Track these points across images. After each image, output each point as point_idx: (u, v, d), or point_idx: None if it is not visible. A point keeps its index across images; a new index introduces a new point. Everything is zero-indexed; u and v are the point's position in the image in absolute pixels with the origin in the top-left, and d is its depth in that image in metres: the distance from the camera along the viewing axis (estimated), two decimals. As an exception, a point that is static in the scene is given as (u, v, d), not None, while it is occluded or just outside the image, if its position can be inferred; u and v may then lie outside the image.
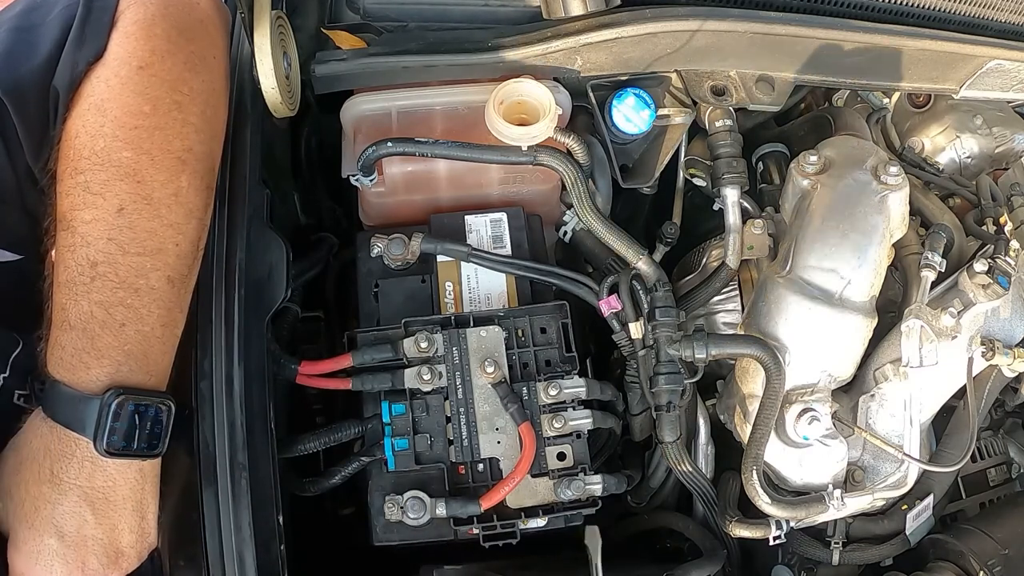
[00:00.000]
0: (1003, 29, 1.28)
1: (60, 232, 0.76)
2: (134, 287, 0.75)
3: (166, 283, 0.77)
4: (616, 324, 1.10)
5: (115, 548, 0.74)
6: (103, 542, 0.73)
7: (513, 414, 0.98)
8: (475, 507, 0.94)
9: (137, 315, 0.74)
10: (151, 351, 0.76)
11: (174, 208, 0.78)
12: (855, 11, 1.18)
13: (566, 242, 1.22)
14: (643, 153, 1.21)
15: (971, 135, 1.40)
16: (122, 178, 0.76)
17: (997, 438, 1.27)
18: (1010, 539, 1.07)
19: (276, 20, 0.98)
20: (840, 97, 1.44)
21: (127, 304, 0.74)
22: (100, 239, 0.74)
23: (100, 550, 0.73)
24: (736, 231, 1.12)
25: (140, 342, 0.75)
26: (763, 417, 1.01)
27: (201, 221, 0.83)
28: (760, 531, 1.06)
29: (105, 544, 0.73)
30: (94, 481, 0.73)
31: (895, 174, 1.05)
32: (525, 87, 1.05)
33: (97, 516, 0.73)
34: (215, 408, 0.87)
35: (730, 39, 1.13)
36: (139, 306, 0.75)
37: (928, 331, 1.02)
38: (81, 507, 0.72)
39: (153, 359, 0.76)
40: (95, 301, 0.74)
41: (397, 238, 1.08)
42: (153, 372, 0.76)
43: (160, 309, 0.77)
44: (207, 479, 0.85)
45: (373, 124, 1.11)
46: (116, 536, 0.74)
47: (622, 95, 1.13)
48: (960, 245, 1.19)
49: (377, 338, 1.02)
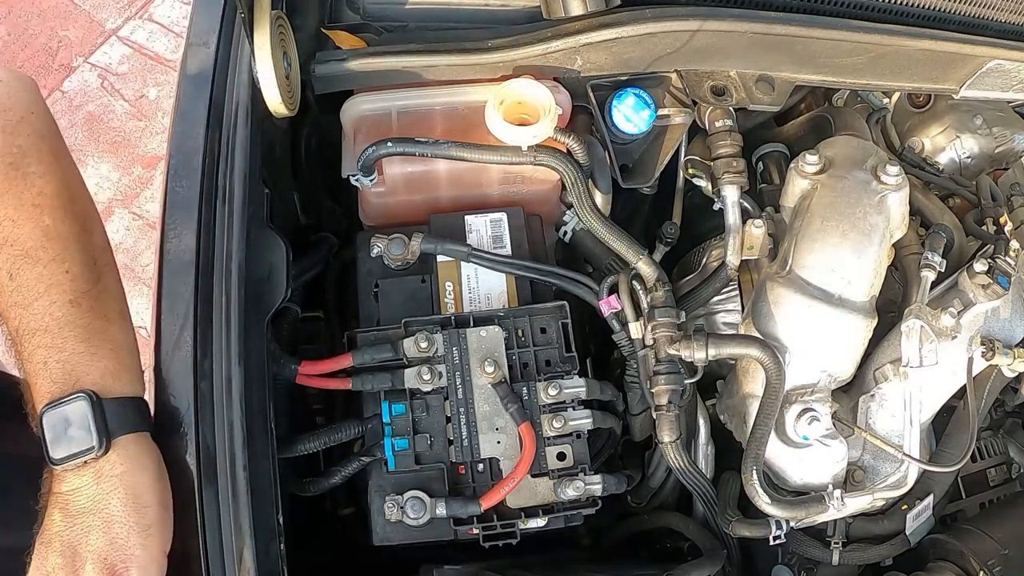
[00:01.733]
0: (1003, 29, 1.28)
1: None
2: (43, 328, 0.80)
3: (71, 307, 0.82)
4: (616, 324, 1.10)
5: (72, 550, 0.78)
6: (70, 544, 0.78)
7: (513, 414, 0.98)
8: (475, 507, 0.94)
9: (55, 347, 0.80)
10: (76, 368, 0.81)
11: (48, 247, 0.82)
12: (855, 11, 1.18)
13: (566, 242, 1.22)
14: (643, 153, 1.21)
15: (971, 135, 1.40)
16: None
17: (997, 438, 1.27)
18: (1010, 539, 1.07)
19: (276, 20, 0.98)
20: (840, 97, 1.44)
21: (45, 345, 0.80)
22: (8, 309, 0.81)
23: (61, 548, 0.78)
24: (736, 231, 1.12)
25: (60, 367, 0.80)
26: (763, 417, 1.01)
27: (80, 238, 0.85)
28: (760, 531, 1.06)
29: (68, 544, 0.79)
30: (61, 488, 0.79)
31: (895, 174, 1.06)
32: (525, 87, 1.05)
33: (67, 521, 0.79)
34: (215, 408, 0.87)
35: (730, 39, 1.13)
36: (50, 342, 0.80)
37: (928, 331, 1.02)
38: (57, 516, 0.79)
39: (79, 372, 0.81)
40: (25, 358, 0.81)
41: (397, 238, 1.08)
42: (77, 383, 0.80)
43: (74, 331, 0.81)
44: (207, 479, 0.85)
45: (373, 124, 1.11)
46: (81, 539, 0.78)
47: (622, 95, 1.13)
48: (960, 245, 1.19)
49: (377, 338, 1.02)
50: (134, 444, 0.81)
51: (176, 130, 0.99)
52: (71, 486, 0.79)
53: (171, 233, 0.95)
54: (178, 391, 0.89)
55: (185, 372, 0.88)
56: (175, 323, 0.92)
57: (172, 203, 0.96)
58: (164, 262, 0.94)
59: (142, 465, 0.81)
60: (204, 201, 0.94)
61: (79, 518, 0.78)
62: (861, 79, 1.23)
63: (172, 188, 0.97)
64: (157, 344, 0.92)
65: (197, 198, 0.94)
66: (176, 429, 0.88)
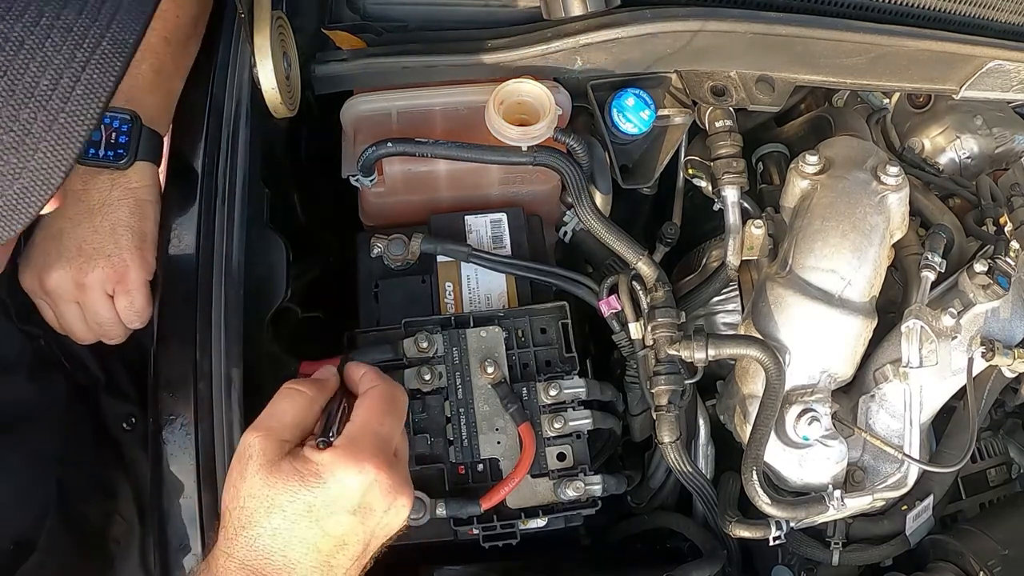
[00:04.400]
0: (1003, 29, 1.28)
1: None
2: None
3: (163, 43, 0.93)
4: (616, 324, 1.10)
5: (79, 248, 0.89)
6: (78, 242, 0.89)
7: (513, 414, 0.98)
8: (475, 507, 0.94)
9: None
10: (135, 87, 0.91)
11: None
12: (855, 11, 1.18)
13: (566, 242, 1.22)
14: (643, 153, 1.21)
15: (971, 135, 1.40)
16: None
17: (997, 438, 1.27)
18: (1010, 539, 1.07)
19: (276, 20, 0.98)
20: (840, 97, 1.44)
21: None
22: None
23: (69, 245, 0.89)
24: (736, 231, 1.12)
25: (127, 80, 0.81)
26: (763, 417, 1.01)
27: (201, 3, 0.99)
28: (760, 531, 1.06)
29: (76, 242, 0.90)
30: (75, 185, 0.89)
31: (895, 174, 1.05)
32: (525, 87, 1.05)
33: (75, 219, 0.90)
34: (215, 408, 0.87)
35: (730, 39, 1.13)
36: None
37: (928, 331, 1.02)
38: (70, 211, 0.89)
39: (136, 92, 0.91)
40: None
41: (397, 238, 1.08)
42: (132, 101, 0.89)
43: (152, 59, 0.92)
44: (206, 480, 0.85)
45: (373, 124, 1.11)
46: (87, 238, 0.89)
47: (622, 95, 1.13)
48: (960, 245, 1.19)
49: (377, 338, 1.02)
50: (149, 169, 0.93)
51: (176, 130, 0.99)
52: (84, 185, 0.90)
53: (171, 233, 0.95)
54: (178, 391, 0.89)
55: (185, 372, 0.89)
56: (175, 323, 0.92)
57: (172, 203, 0.96)
58: (164, 262, 0.94)
59: (150, 186, 0.92)
60: (204, 201, 0.94)
61: (87, 217, 0.89)
62: (861, 79, 1.23)
63: (172, 188, 0.97)
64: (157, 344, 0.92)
65: (197, 198, 0.95)
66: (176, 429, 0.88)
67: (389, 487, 0.73)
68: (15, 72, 0.59)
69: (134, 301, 0.92)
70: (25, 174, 0.60)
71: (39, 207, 0.61)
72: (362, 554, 0.74)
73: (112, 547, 1.00)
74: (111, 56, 0.63)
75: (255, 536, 0.70)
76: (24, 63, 0.60)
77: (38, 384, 0.97)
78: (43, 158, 0.60)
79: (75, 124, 0.61)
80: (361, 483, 0.71)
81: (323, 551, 0.71)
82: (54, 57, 0.61)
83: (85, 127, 0.61)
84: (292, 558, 0.70)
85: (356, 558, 0.74)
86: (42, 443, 0.95)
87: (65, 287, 0.91)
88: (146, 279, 0.92)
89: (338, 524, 0.71)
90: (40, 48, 0.60)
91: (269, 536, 0.70)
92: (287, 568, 0.70)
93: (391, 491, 0.73)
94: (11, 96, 0.59)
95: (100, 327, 0.94)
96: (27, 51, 0.60)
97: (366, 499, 0.72)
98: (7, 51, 0.59)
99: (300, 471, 0.71)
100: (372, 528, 0.73)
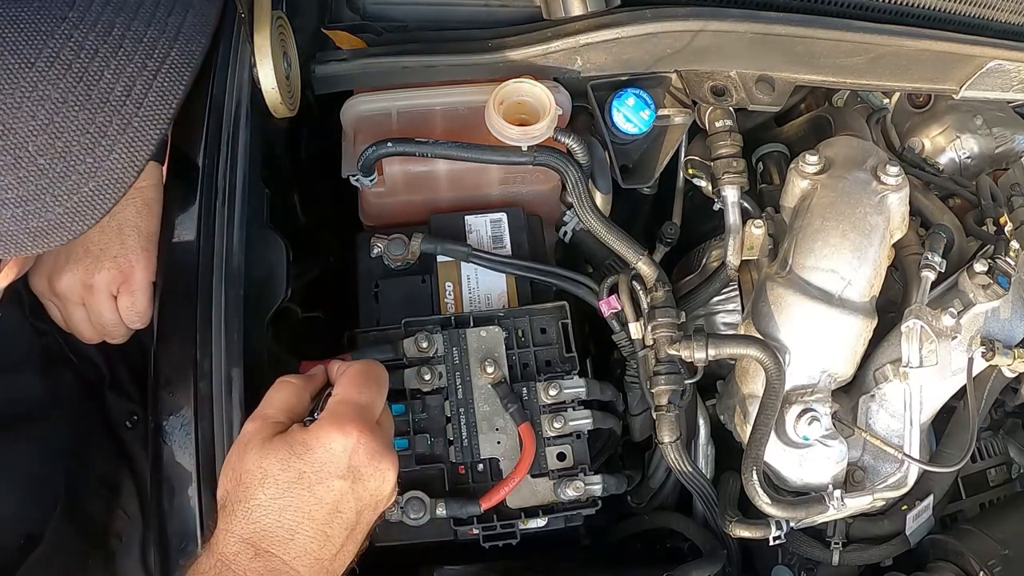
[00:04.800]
0: (1003, 29, 1.28)
1: None
2: None
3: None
4: (616, 324, 1.10)
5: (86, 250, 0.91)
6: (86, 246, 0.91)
7: (513, 414, 0.98)
8: (475, 507, 0.94)
9: None
10: None
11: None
12: (855, 11, 1.18)
13: (566, 242, 1.22)
14: (643, 153, 1.21)
15: (971, 135, 1.39)
16: None
17: (997, 438, 1.27)
18: (1010, 539, 1.07)
19: (276, 20, 0.98)
20: (840, 97, 1.44)
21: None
22: None
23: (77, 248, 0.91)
24: (736, 231, 1.12)
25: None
26: (763, 417, 1.01)
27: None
28: (760, 531, 1.06)
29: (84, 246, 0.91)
30: None
31: (895, 174, 1.05)
32: (525, 87, 1.05)
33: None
34: (215, 408, 0.87)
35: (730, 39, 1.13)
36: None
37: (928, 331, 1.02)
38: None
39: None
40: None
41: (397, 238, 1.08)
42: None
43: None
44: (206, 479, 0.85)
45: (373, 124, 1.11)
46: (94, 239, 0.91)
47: (622, 95, 1.13)
48: (960, 245, 1.19)
49: (377, 338, 1.02)
50: (156, 168, 0.94)
51: (176, 130, 0.99)
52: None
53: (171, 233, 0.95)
54: (178, 391, 0.89)
55: (185, 372, 0.89)
56: (175, 323, 0.92)
57: (172, 203, 0.96)
58: (164, 262, 0.94)
59: (156, 186, 0.94)
60: (204, 201, 0.94)
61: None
62: (861, 79, 1.23)
63: (172, 188, 0.97)
64: (157, 344, 0.92)
65: (197, 198, 0.95)
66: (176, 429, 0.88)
67: (373, 450, 0.75)
68: (91, 78, 0.63)
69: (136, 302, 0.93)
70: (100, 174, 0.64)
71: (111, 205, 0.65)
72: (356, 524, 0.76)
73: (114, 542, 1.00)
74: (180, 66, 0.67)
75: (251, 508, 0.72)
76: (99, 70, 0.63)
77: (49, 380, 0.98)
78: (117, 160, 0.64)
79: (148, 128, 0.65)
80: (345, 446, 0.74)
81: (317, 519, 0.73)
82: (127, 65, 0.64)
83: (158, 131, 0.65)
84: (288, 527, 0.72)
85: (350, 528, 0.75)
86: (53, 438, 0.96)
87: (74, 289, 0.92)
88: (150, 280, 0.93)
89: (329, 489, 0.73)
90: (114, 57, 0.64)
91: (264, 507, 0.72)
92: (284, 539, 0.72)
93: (376, 454, 0.75)
94: (88, 101, 0.63)
95: (103, 328, 0.95)
96: (101, 59, 0.63)
97: (352, 462, 0.74)
98: (83, 59, 0.63)
99: (289, 443, 0.74)
100: (361, 494, 0.75)
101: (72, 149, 0.62)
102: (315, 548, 0.73)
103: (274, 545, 0.71)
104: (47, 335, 1.01)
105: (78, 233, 0.65)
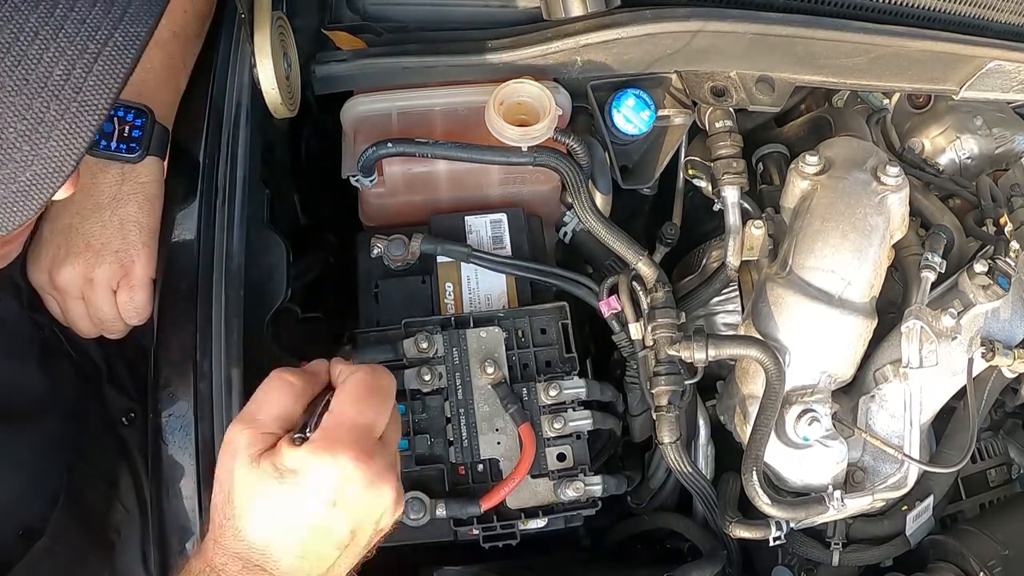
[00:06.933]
0: (1003, 30, 1.28)
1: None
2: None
3: (172, 37, 0.95)
4: (616, 325, 1.10)
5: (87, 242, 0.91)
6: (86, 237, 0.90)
7: (513, 415, 0.98)
8: (475, 508, 0.94)
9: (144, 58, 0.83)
10: (147, 81, 0.92)
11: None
12: (855, 11, 1.18)
13: (566, 243, 1.22)
14: (643, 154, 1.21)
15: (971, 136, 1.39)
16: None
17: (997, 439, 1.27)
18: (1010, 540, 1.07)
19: (276, 21, 0.98)
20: (840, 98, 1.44)
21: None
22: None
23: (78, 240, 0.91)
24: (736, 232, 1.12)
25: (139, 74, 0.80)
26: (763, 418, 1.01)
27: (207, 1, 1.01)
28: (760, 532, 1.06)
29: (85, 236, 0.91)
30: (83, 178, 0.83)
31: (895, 175, 1.05)
32: (525, 88, 1.05)
33: (83, 214, 0.91)
34: (215, 408, 0.87)
35: (730, 40, 1.13)
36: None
37: (928, 332, 1.02)
38: (75, 206, 0.90)
39: (147, 87, 0.92)
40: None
41: (397, 239, 1.08)
42: (142, 95, 0.90)
43: (162, 53, 0.94)
44: (206, 480, 0.85)
45: (373, 125, 1.11)
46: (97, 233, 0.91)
47: (622, 96, 1.13)
48: (960, 246, 1.19)
49: (377, 339, 1.02)
50: (158, 165, 0.93)
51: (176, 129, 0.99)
52: (93, 179, 0.90)
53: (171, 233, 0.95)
54: (178, 391, 0.89)
55: (185, 372, 0.89)
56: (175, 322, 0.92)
57: (172, 203, 0.96)
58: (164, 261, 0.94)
59: (158, 182, 0.93)
60: (204, 201, 0.94)
61: (95, 212, 0.90)
62: (861, 80, 1.23)
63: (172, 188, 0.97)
64: (157, 344, 0.92)
65: (197, 198, 0.95)
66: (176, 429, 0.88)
67: (367, 479, 0.72)
68: (29, 62, 0.60)
69: (135, 297, 0.92)
70: (37, 162, 0.61)
71: (50, 194, 0.62)
72: (351, 540, 0.74)
73: (113, 536, 1.00)
74: (123, 48, 0.63)
75: (240, 528, 0.72)
76: (38, 53, 0.60)
77: (48, 373, 0.97)
78: (55, 146, 0.61)
79: (87, 114, 0.62)
80: (336, 476, 0.71)
81: (307, 541, 0.72)
82: (67, 48, 0.61)
83: (96, 116, 0.62)
84: (278, 547, 0.71)
85: (343, 546, 0.74)
86: (53, 431, 0.96)
87: (74, 283, 0.91)
88: (150, 276, 0.93)
89: (317, 516, 0.72)
90: (54, 38, 0.61)
91: (252, 529, 0.71)
92: (274, 558, 0.71)
93: (370, 483, 0.72)
94: (25, 85, 0.60)
95: (102, 322, 0.95)
96: (41, 41, 0.60)
97: (343, 490, 0.72)
98: (22, 41, 0.60)
99: (278, 468, 0.72)
100: (356, 517, 0.74)
101: (7, 136, 0.60)
102: (306, 567, 0.72)
103: (264, 562, 0.71)
104: (45, 328, 1.00)
105: (19, 223, 0.62)
